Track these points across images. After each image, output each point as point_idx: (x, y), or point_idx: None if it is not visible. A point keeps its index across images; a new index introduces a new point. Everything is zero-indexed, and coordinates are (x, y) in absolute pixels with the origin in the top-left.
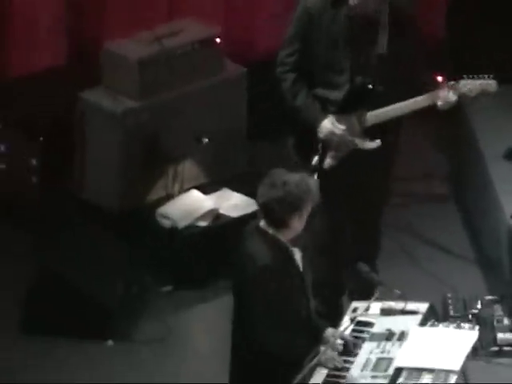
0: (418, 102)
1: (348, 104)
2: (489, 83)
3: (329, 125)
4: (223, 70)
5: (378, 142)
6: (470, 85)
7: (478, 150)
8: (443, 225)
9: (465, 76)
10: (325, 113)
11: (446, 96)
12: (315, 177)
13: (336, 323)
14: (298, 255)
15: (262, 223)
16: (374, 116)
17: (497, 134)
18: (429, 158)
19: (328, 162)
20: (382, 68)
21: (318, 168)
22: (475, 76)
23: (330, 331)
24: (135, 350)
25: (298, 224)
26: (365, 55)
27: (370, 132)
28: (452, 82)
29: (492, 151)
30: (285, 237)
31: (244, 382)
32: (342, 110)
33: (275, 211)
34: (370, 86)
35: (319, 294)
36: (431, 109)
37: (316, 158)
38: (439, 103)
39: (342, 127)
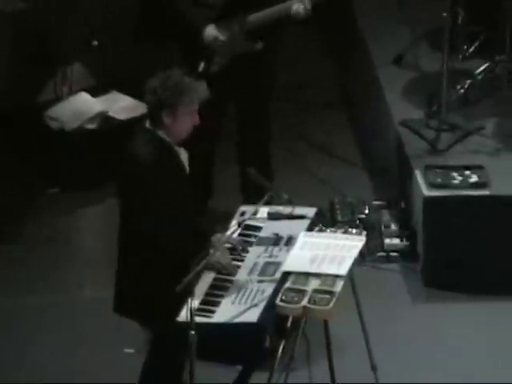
0: (278, 8)
1: (228, 8)
2: None
3: (212, 31)
4: None
5: (260, 44)
6: None
7: (367, 57)
8: (331, 130)
9: None
10: (207, 19)
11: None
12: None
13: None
14: (184, 156)
15: (147, 123)
16: (253, 20)
17: (386, 41)
18: (316, 66)
19: (214, 68)
20: None
21: (205, 74)
22: None
23: (217, 235)
24: (22, 251)
25: (176, 123)
26: None
27: (252, 35)
28: None
29: (381, 57)
30: (170, 137)
31: (131, 284)
32: (222, 15)
33: (150, 108)
34: None
35: None
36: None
37: (202, 65)
38: (293, 9)
39: (225, 33)
